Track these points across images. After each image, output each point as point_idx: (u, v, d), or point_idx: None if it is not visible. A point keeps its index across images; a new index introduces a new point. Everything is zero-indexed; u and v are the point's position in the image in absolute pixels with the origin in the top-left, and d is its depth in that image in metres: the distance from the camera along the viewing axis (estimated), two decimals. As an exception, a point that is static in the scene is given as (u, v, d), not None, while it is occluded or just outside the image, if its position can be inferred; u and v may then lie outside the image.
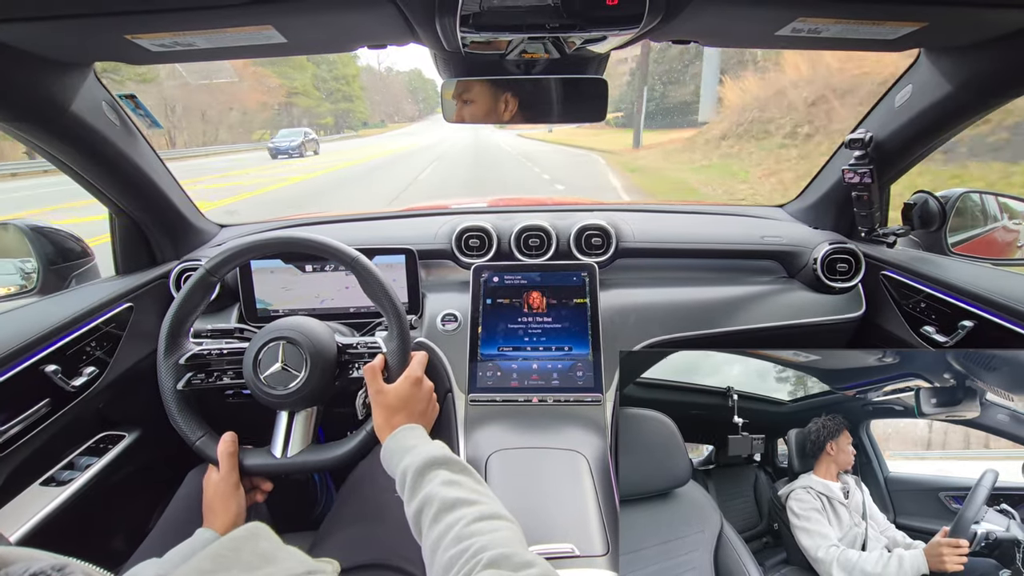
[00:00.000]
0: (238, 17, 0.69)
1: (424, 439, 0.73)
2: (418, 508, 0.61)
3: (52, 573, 0.28)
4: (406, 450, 0.70)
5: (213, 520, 0.78)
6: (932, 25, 0.76)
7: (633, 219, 1.33)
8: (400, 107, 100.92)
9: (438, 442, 0.72)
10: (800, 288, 1.23)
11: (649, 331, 1.13)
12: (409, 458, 0.67)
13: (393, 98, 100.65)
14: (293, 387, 0.81)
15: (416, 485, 0.64)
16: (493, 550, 0.49)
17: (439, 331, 1.13)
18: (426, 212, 1.52)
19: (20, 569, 0.28)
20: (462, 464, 0.67)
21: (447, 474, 0.64)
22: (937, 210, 1.11)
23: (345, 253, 0.85)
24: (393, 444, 0.73)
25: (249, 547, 0.38)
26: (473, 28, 0.71)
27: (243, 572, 0.35)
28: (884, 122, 1.09)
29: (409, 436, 0.74)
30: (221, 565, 0.35)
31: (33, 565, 0.28)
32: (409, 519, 0.63)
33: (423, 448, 0.69)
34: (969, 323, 0.93)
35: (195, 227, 1.33)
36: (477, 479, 0.65)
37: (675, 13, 0.70)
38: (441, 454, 0.67)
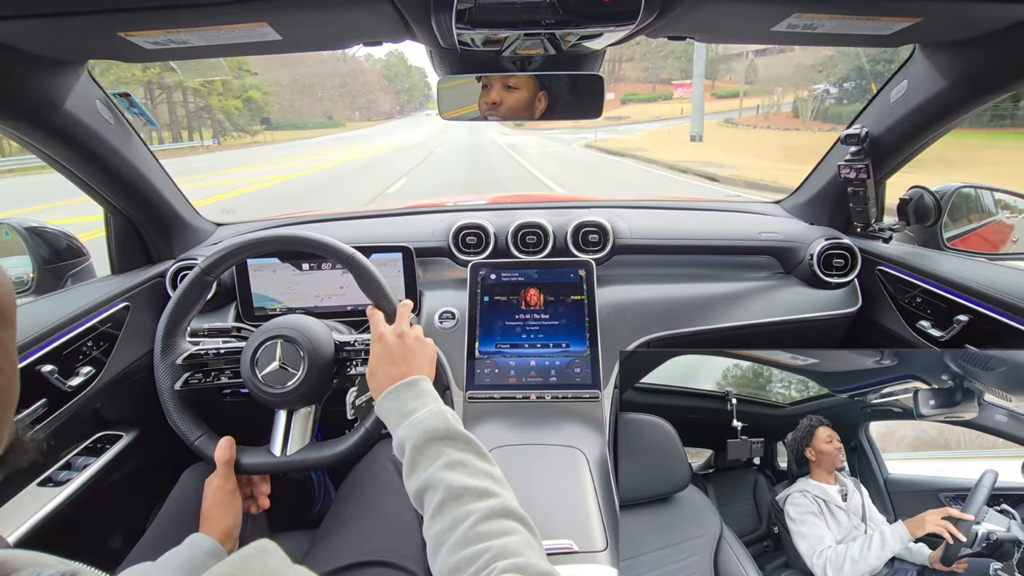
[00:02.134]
0: (232, 14, 0.69)
1: (423, 400, 0.66)
2: (419, 488, 0.57)
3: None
4: (403, 415, 0.64)
5: (211, 528, 0.76)
6: (927, 21, 0.76)
7: (630, 216, 1.33)
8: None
9: (438, 408, 0.65)
10: (797, 284, 1.23)
11: (647, 327, 1.14)
12: (407, 428, 0.62)
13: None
14: (291, 385, 0.80)
15: (415, 461, 0.59)
16: (507, 559, 0.46)
17: (437, 328, 1.13)
18: (423, 210, 1.51)
19: (30, 574, 0.28)
20: (466, 437, 0.61)
21: (450, 452, 0.59)
22: (932, 205, 1.11)
23: (342, 251, 0.85)
24: (389, 403, 0.67)
25: (258, 566, 0.37)
26: (469, 25, 0.71)
27: None
28: (880, 117, 1.10)
29: (407, 395, 0.67)
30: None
31: (43, 571, 0.28)
32: (410, 494, 0.59)
33: (423, 418, 0.63)
34: (964, 318, 0.93)
35: (191, 226, 1.32)
36: (482, 454, 0.61)
37: (670, 9, 0.70)
38: (442, 426, 0.61)
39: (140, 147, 1.10)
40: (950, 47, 0.89)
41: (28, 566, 0.29)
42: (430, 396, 0.68)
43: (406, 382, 0.69)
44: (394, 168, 13.07)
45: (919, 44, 0.96)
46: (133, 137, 1.08)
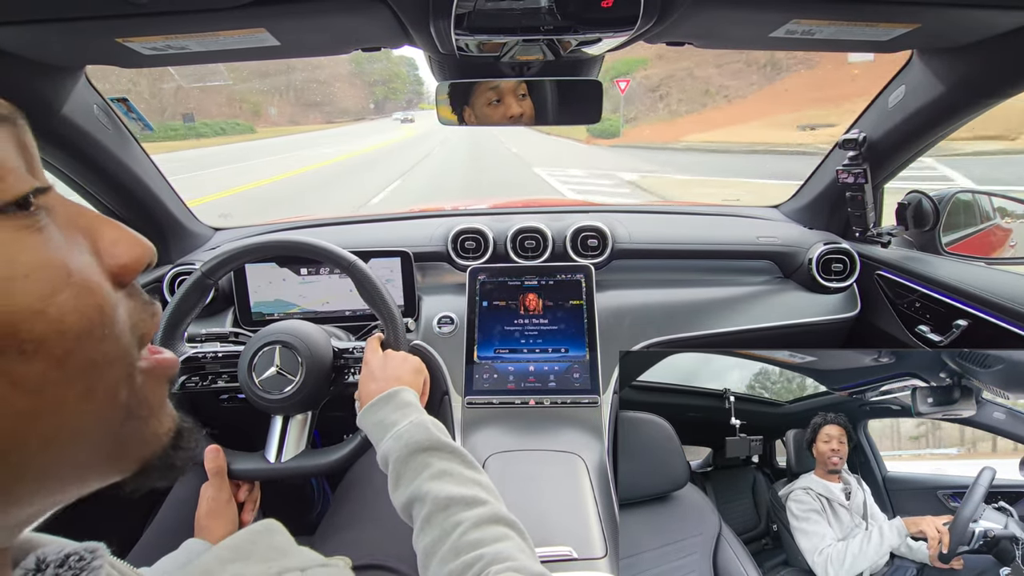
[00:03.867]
0: (231, 20, 0.69)
1: (403, 412, 0.66)
2: (406, 502, 0.57)
3: (86, 555, 0.28)
4: (385, 428, 0.64)
5: (206, 536, 0.76)
6: (925, 26, 0.77)
7: (629, 220, 1.33)
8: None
9: (419, 419, 0.64)
10: (795, 288, 1.24)
11: (645, 332, 1.14)
12: (390, 441, 0.62)
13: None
14: (288, 391, 0.80)
15: (400, 474, 0.59)
16: (500, 563, 0.46)
17: (435, 334, 1.13)
18: (421, 214, 1.51)
19: (55, 550, 0.28)
20: (450, 446, 0.61)
21: (435, 463, 0.58)
22: (931, 210, 1.11)
23: (342, 257, 0.85)
24: (370, 417, 0.67)
25: (265, 540, 0.38)
26: (467, 31, 0.71)
27: (260, 562, 0.36)
28: (878, 123, 1.10)
29: (387, 408, 0.67)
30: (240, 555, 0.36)
31: (67, 547, 0.29)
32: (397, 507, 0.59)
33: (404, 430, 0.62)
34: (963, 322, 0.93)
35: (189, 230, 1.32)
36: (468, 463, 0.60)
37: (669, 15, 0.71)
38: (424, 437, 0.61)
39: (138, 152, 1.10)
40: (948, 53, 0.90)
41: (51, 543, 0.30)
42: (411, 408, 0.67)
43: (386, 395, 0.69)
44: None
45: (917, 50, 0.97)
46: (131, 142, 1.08)
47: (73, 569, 0.27)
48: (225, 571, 0.34)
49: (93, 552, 0.29)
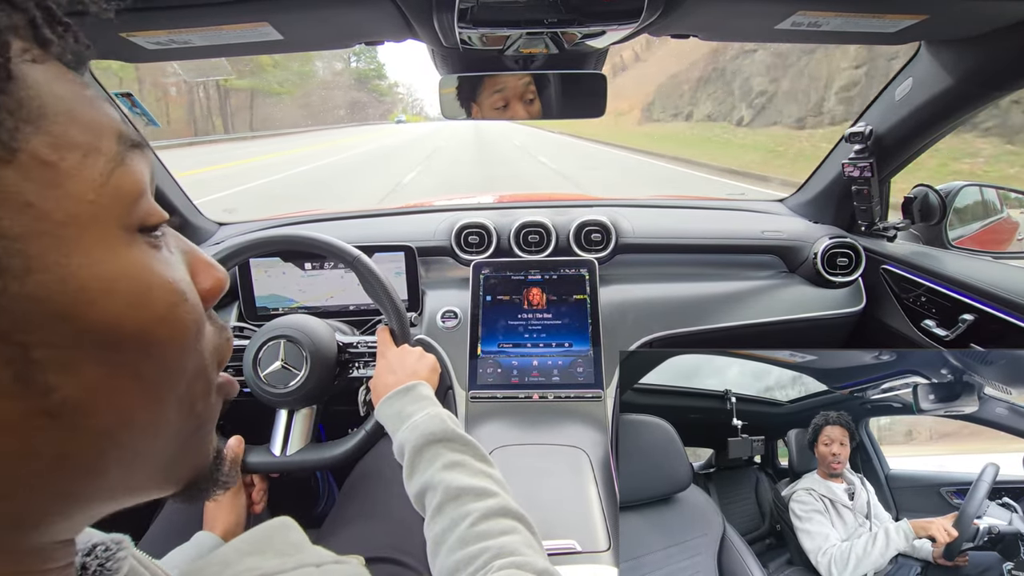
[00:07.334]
0: (234, 14, 0.69)
1: (420, 404, 0.68)
2: (419, 490, 0.59)
3: (112, 545, 0.29)
4: (402, 419, 0.66)
5: (214, 527, 0.77)
6: (933, 18, 0.76)
7: (633, 214, 1.33)
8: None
9: (436, 411, 0.67)
10: (800, 283, 1.23)
11: (649, 327, 1.13)
12: (406, 432, 0.64)
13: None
14: (293, 385, 0.81)
15: (415, 464, 0.60)
16: (505, 558, 0.47)
17: (439, 328, 1.13)
18: (425, 209, 1.51)
19: (83, 539, 0.29)
20: (464, 438, 0.63)
21: (448, 454, 0.60)
22: (937, 204, 1.10)
23: (346, 252, 0.85)
24: (388, 408, 0.69)
25: (281, 536, 0.39)
26: (471, 24, 0.71)
27: (277, 556, 0.36)
28: (884, 116, 1.09)
29: (405, 400, 0.69)
30: (257, 548, 0.36)
31: (93, 537, 0.30)
32: (410, 496, 0.60)
33: (420, 421, 0.64)
34: (970, 317, 0.93)
35: (193, 225, 1.32)
36: (480, 455, 0.62)
37: (674, 7, 0.70)
38: (440, 429, 0.63)
39: None
40: (956, 44, 0.89)
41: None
42: (428, 400, 0.69)
43: (404, 387, 0.71)
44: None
45: (924, 41, 0.96)
46: None
47: (99, 559, 0.28)
48: (243, 563, 0.34)
49: (119, 543, 0.30)
